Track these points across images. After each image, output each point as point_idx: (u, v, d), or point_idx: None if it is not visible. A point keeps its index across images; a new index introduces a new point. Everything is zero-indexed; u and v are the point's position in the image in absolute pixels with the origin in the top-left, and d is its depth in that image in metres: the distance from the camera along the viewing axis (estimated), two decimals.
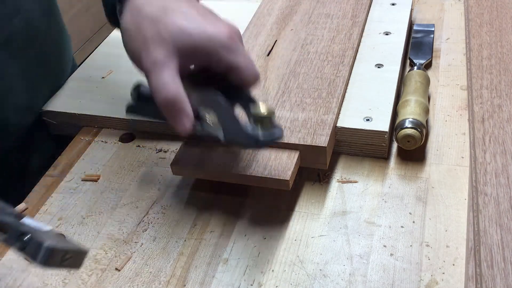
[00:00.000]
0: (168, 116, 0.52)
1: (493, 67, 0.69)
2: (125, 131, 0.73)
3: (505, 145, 0.58)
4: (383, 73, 0.72)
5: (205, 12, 0.54)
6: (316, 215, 0.59)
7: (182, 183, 0.65)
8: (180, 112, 0.51)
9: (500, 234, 0.49)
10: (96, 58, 0.87)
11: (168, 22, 0.52)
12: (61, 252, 0.43)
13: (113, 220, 0.61)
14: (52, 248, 0.42)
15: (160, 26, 0.52)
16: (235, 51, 0.52)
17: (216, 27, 0.52)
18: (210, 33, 0.51)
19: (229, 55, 0.52)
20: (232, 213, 0.61)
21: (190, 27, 0.51)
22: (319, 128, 0.62)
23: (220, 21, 0.54)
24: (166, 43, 0.51)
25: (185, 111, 0.51)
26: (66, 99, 0.77)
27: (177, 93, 0.51)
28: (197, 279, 0.54)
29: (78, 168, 0.69)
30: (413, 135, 0.62)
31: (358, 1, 0.84)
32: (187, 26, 0.51)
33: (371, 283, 0.52)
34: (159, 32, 0.51)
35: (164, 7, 0.53)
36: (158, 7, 0.53)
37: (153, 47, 0.51)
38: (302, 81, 0.69)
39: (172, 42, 0.51)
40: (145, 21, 0.52)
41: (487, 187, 0.54)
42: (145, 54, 0.52)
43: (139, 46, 0.52)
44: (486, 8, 0.81)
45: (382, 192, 0.61)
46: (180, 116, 0.52)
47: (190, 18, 0.52)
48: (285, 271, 0.54)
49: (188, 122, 0.52)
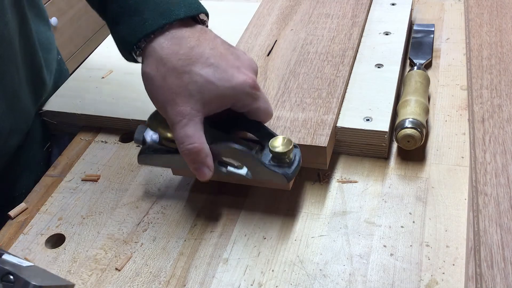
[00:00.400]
0: (190, 165, 0.56)
1: (493, 67, 0.69)
2: (125, 131, 0.73)
3: (505, 145, 0.58)
4: (383, 73, 0.72)
5: (226, 54, 0.55)
6: (316, 215, 0.59)
7: (182, 183, 0.65)
8: (202, 164, 0.55)
9: (500, 234, 0.49)
10: (96, 58, 0.87)
11: (194, 74, 0.53)
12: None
13: (113, 220, 0.61)
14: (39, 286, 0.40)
15: (186, 79, 0.53)
16: (257, 98, 0.56)
17: (240, 75, 0.54)
18: (235, 84, 0.54)
19: (251, 102, 0.56)
20: (232, 213, 0.61)
21: (216, 78, 0.53)
22: (319, 128, 0.62)
23: (241, 62, 0.56)
24: (192, 97, 0.53)
25: (207, 163, 0.55)
26: (66, 99, 0.77)
27: (201, 147, 0.54)
28: (197, 279, 0.54)
29: (78, 168, 0.69)
30: (413, 135, 0.62)
31: (358, 1, 0.84)
32: (213, 78, 0.53)
33: (371, 283, 0.52)
34: (186, 85, 0.53)
35: (189, 58, 0.54)
36: (183, 58, 0.53)
37: (180, 100, 0.53)
38: (302, 81, 0.69)
39: (199, 94, 0.53)
40: (171, 73, 0.53)
41: (487, 187, 0.54)
42: (171, 106, 0.54)
43: (166, 98, 0.54)
44: (486, 8, 0.81)
45: (382, 192, 0.61)
46: (202, 167, 0.55)
47: (215, 67, 0.54)
48: (285, 271, 0.54)
49: (209, 173, 0.56)
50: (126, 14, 0.56)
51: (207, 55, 0.54)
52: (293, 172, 0.56)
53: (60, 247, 0.59)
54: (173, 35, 0.54)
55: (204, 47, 0.54)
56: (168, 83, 0.53)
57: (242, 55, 0.57)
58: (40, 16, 0.77)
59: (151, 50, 0.54)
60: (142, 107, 0.73)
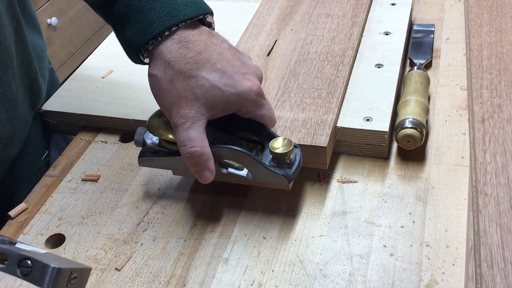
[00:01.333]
0: (191, 168, 0.56)
1: (493, 67, 0.69)
2: (125, 131, 0.73)
3: (505, 145, 0.58)
4: (383, 73, 0.72)
5: (233, 59, 0.56)
6: (316, 215, 0.59)
7: (182, 183, 0.65)
8: (203, 167, 0.55)
9: (500, 234, 0.49)
10: (96, 58, 0.87)
11: (200, 78, 0.54)
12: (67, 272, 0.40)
13: (113, 220, 0.61)
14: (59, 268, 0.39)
15: (192, 83, 0.54)
16: (262, 106, 0.57)
17: (246, 82, 0.55)
18: (241, 91, 0.55)
19: (256, 109, 0.57)
20: (232, 213, 0.61)
21: (222, 83, 0.54)
22: (319, 128, 0.62)
23: (246, 68, 0.56)
24: (198, 100, 0.54)
25: (208, 166, 0.55)
26: (66, 99, 0.77)
27: (202, 151, 0.54)
28: (197, 279, 0.54)
29: (78, 168, 0.69)
30: (413, 135, 0.62)
31: (358, 1, 0.84)
32: (219, 83, 0.54)
33: (371, 283, 0.52)
34: (192, 89, 0.54)
35: (197, 62, 0.54)
36: (190, 62, 0.54)
37: (185, 103, 0.54)
38: (302, 81, 0.69)
39: (204, 98, 0.54)
40: (178, 76, 0.54)
41: (487, 187, 0.54)
42: (176, 109, 0.54)
43: (171, 101, 0.54)
44: (486, 8, 0.81)
45: (382, 192, 0.61)
46: (203, 171, 0.55)
47: (222, 73, 0.54)
48: (285, 271, 0.54)
49: (210, 176, 0.56)
50: (132, 14, 0.55)
51: (214, 60, 0.54)
52: (294, 173, 0.56)
53: (60, 247, 0.59)
54: (180, 39, 0.54)
55: (211, 51, 0.55)
56: (175, 86, 0.54)
57: (248, 61, 0.58)
58: (31, 24, 0.76)
59: (159, 53, 0.54)
60: (142, 107, 0.73)
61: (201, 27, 0.56)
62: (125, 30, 0.57)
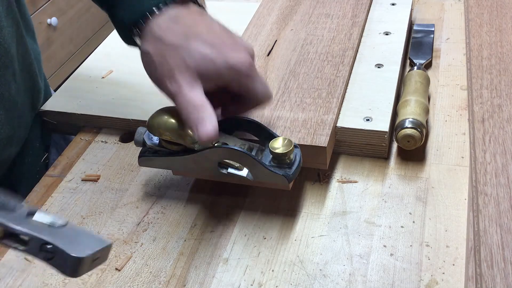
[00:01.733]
0: (191, 121, 0.53)
1: (493, 67, 0.69)
2: (125, 131, 0.73)
3: (505, 145, 0.58)
4: (383, 73, 0.72)
5: (223, 35, 0.56)
6: (316, 215, 0.59)
7: (182, 183, 0.65)
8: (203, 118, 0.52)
9: (500, 234, 0.49)
10: (96, 58, 0.87)
11: (191, 49, 0.53)
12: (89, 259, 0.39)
13: (113, 220, 0.61)
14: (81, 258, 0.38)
15: (183, 54, 0.53)
16: (254, 78, 0.56)
17: (236, 54, 0.54)
18: (232, 63, 0.54)
19: (248, 82, 0.55)
20: (232, 213, 0.61)
21: (213, 55, 0.53)
22: (319, 128, 0.62)
23: (237, 44, 0.56)
24: (190, 69, 0.53)
25: (210, 118, 0.52)
26: (66, 99, 0.77)
27: (204, 102, 0.53)
28: (197, 279, 0.54)
29: (78, 168, 0.69)
30: (413, 135, 0.62)
31: (358, 1, 0.84)
32: (210, 54, 0.53)
33: (371, 283, 0.52)
34: (183, 59, 0.53)
35: (186, 34, 0.54)
36: (180, 34, 0.54)
37: (178, 73, 0.53)
38: (302, 81, 0.69)
39: (196, 68, 0.53)
40: (168, 48, 0.54)
41: (487, 187, 0.54)
42: (169, 80, 0.54)
43: (165, 74, 0.54)
44: (486, 8, 0.81)
45: (382, 192, 0.61)
46: (205, 122, 0.52)
47: (212, 45, 0.54)
48: (285, 271, 0.54)
49: (212, 130, 0.52)
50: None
51: (205, 34, 0.54)
52: (294, 173, 0.56)
53: None
54: (170, 15, 0.55)
55: (201, 27, 0.55)
56: (166, 59, 0.54)
57: (239, 39, 0.57)
58: (27, 28, 0.76)
59: (149, 30, 0.55)
60: (142, 107, 0.73)
61: (192, 6, 0.57)
62: (117, 11, 0.57)
